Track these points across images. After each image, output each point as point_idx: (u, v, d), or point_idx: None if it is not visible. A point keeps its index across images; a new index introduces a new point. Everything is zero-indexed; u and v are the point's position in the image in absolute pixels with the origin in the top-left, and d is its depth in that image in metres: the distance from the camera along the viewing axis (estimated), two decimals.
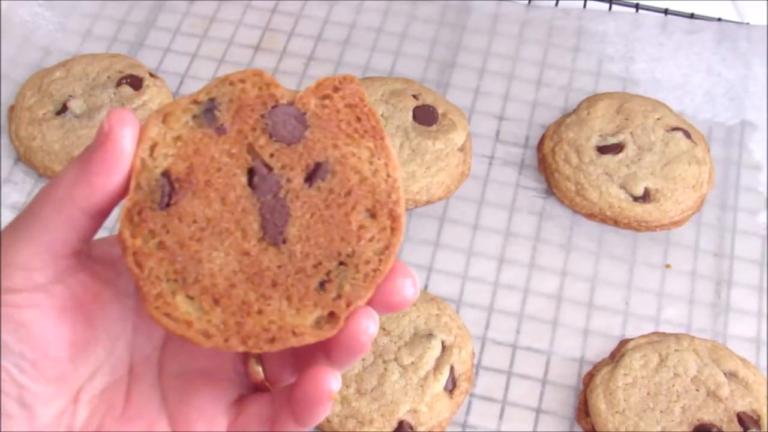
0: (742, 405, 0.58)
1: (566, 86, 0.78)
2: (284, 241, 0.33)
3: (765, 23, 0.82)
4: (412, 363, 0.59)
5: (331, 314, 0.32)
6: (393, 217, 0.33)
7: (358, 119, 0.34)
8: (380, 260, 0.33)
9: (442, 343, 0.60)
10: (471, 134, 0.74)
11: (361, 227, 0.33)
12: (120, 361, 0.35)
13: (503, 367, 0.63)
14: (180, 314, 0.32)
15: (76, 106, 0.72)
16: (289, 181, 0.33)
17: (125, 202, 0.32)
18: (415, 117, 0.71)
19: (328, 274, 0.33)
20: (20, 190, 0.70)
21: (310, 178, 0.34)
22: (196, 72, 0.78)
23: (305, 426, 0.33)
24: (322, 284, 0.33)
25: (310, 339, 0.32)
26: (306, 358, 0.34)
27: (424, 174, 0.69)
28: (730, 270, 0.68)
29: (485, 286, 0.67)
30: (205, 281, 0.32)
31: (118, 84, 0.73)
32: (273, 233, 0.33)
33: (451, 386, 0.60)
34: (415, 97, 0.73)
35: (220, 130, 0.34)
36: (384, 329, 0.61)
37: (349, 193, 0.33)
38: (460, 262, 0.68)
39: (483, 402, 0.62)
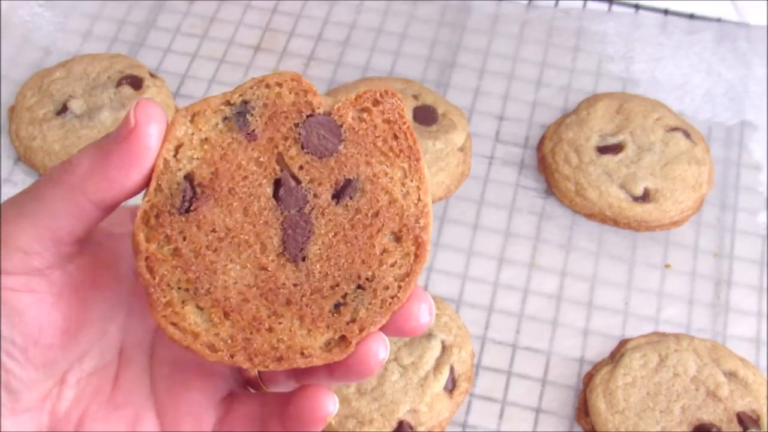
0: (741, 405, 0.58)
1: (566, 86, 0.78)
2: (303, 259, 0.32)
3: (765, 23, 0.82)
4: (412, 363, 0.59)
5: (342, 337, 0.31)
6: (418, 243, 0.32)
7: (395, 137, 0.33)
8: (400, 287, 0.32)
9: (442, 343, 0.61)
10: (471, 134, 0.74)
11: (384, 251, 0.32)
12: (111, 345, 0.34)
13: (503, 367, 0.63)
14: (187, 325, 0.31)
15: (76, 106, 0.72)
16: (316, 196, 0.32)
17: (142, 204, 0.31)
18: (415, 117, 0.71)
19: (344, 296, 0.32)
20: (20, 190, 0.70)
21: (338, 195, 0.32)
22: (196, 72, 0.78)
23: None
24: (337, 306, 0.32)
25: (317, 361, 0.31)
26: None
27: None
28: (730, 270, 0.68)
29: (485, 286, 0.67)
30: (218, 293, 0.31)
31: (118, 84, 0.73)
32: (293, 250, 0.32)
33: (451, 386, 0.60)
34: (415, 97, 0.73)
35: (251, 136, 0.32)
36: None
37: (376, 215, 0.32)
38: (460, 262, 0.68)
39: (483, 402, 0.62)
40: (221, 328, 0.31)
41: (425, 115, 0.71)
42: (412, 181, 0.33)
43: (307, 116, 0.33)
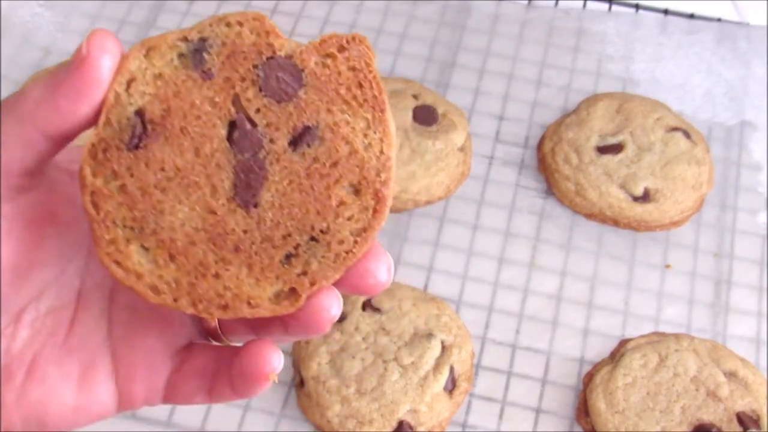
0: (741, 405, 0.58)
1: (566, 86, 0.78)
2: (255, 206, 0.31)
3: (765, 23, 0.82)
4: (412, 363, 0.59)
5: (293, 290, 0.31)
6: (378, 198, 0.31)
7: (360, 85, 0.31)
8: (356, 242, 0.31)
9: (442, 343, 0.60)
10: (471, 134, 0.74)
11: (341, 203, 0.31)
12: (69, 286, 0.33)
13: (503, 367, 0.63)
14: (131, 264, 0.30)
15: None
16: (272, 141, 0.31)
17: (91, 137, 0.30)
18: (415, 117, 0.71)
19: (296, 247, 0.31)
20: None
21: (295, 142, 0.31)
22: None
23: (242, 398, 0.32)
24: (288, 257, 0.31)
25: (265, 312, 0.30)
26: (263, 318, 0.32)
27: (424, 174, 0.69)
28: (730, 270, 0.68)
29: (485, 286, 0.67)
30: (164, 234, 0.30)
31: None
32: (245, 195, 0.31)
33: (451, 386, 0.60)
34: (415, 97, 0.73)
35: (207, 75, 0.31)
36: (384, 329, 0.61)
37: (335, 165, 0.31)
38: (460, 262, 0.68)
39: (483, 402, 0.62)
40: (166, 270, 0.31)
41: (425, 115, 0.71)
42: (375, 132, 0.31)
43: (268, 58, 0.31)
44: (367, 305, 0.62)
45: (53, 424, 0.33)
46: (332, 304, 0.31)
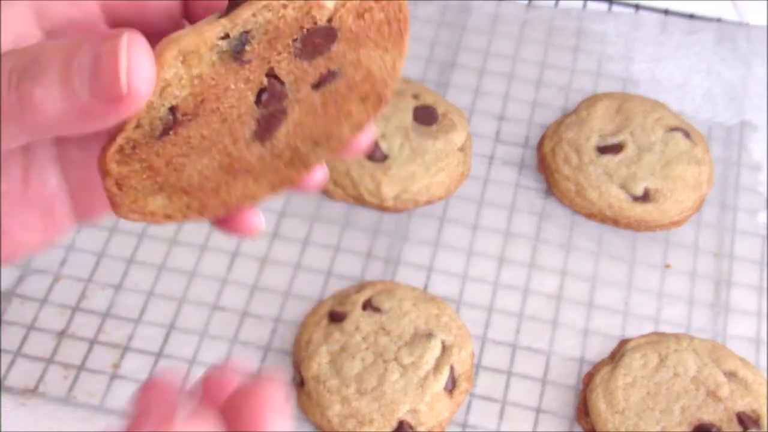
0: (741, 405, 0.58)
1: (566, 86, 0.78)
2: (270, 138, 0.32)
3: (765, 23, 0.82)
4: (412, 363, 0.59)
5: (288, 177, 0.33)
6: (380, 101, 0.32)
7: (389, 23, 0.32)
8: (352, 135, 0.33)
9: (442, 343, 0.61)
10: (471, 134, 0.74)
11: (347, 113, 0.32)
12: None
13: (503, 367, 0.63)
14: (149, 209, 0.31)
15: None
16: (297, 91, 0.31)
17: (118, 139, 0.29)
18: (415, 117, 0.71)
19: (298, 151, 0.33)
20: None
21: (317, 84, 0.32)
22: None
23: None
24: (290, 159, 0.33)
25: (262, 200, 0.33)
26: None
27: (424, 174, 0.69)
28: (730, 270, 0.68)
29: (485, 286, 0.67)
30: (182, 182, 0.31)
31: None
32: (263, 135, 0.32)
33: (451, 386, 0.60)
34: (415, 97, 0.73)
35: (245, 62, 0.30)
36: (384, 329, 0.61)
37: (350, 89, 0.32)
38: (460, 262, 0.68)
39: (483, 402, 0.62)
40: (179, 201, 0.32)
41: (425, 115, 0.71)
42: (390, 55, 0.32)
43: (307, 30, 0.30)
44: (367, 305, 0.62)
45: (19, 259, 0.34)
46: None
